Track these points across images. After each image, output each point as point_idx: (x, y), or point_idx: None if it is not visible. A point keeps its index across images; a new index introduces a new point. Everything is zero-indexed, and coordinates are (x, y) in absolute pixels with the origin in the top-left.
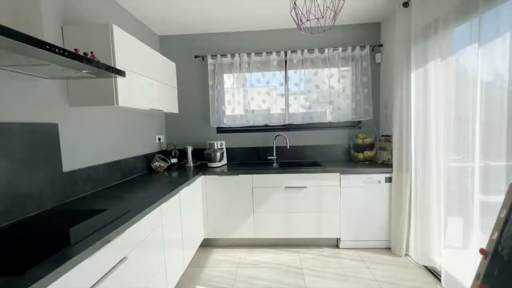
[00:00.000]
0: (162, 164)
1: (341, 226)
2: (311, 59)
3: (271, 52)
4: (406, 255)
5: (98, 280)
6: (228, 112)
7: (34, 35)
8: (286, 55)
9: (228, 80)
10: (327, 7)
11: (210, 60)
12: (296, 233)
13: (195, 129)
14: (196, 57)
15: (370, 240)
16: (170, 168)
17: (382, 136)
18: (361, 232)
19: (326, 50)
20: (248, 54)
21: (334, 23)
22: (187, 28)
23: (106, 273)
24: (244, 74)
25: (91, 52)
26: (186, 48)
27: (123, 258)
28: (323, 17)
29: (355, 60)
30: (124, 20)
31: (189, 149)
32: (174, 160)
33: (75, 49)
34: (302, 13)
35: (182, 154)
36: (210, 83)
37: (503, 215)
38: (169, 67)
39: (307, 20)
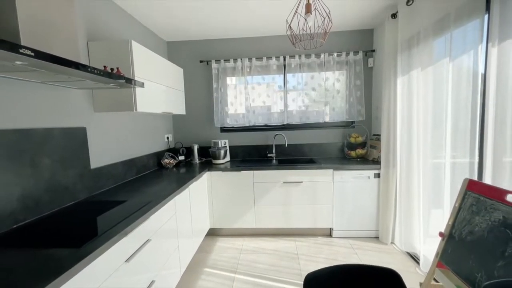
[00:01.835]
0: (171, 161)
1: (334, 217)
2: (308, 63)
3: (271, 57)
4: (392, 243)
5: (131, 255)
6: (231, 112)
7: (72, 57)
8: (285, 60)
9: (231, 83)
10: (318, 26)
11: (214, 65)
12: (293, 224)
13: (201, 128)
14: (201, 61)
15: (360, 230)
16: (178, 164)
17: (373, 135)
18: (352, 223)
19: (322, 55)
20: (250, 59)
21: (324, 41)
22: (192, 34)
23: (137, 250)
24: (246, 77)
25: (117, 68)
26: (191, 53)
27: (147, 240)
28: (313, 38)
29: (349, 65)
30: (134, 28)
31: (195, 147)
32: (181, 157)
33: (104, 66)
34: (295, 34)
35: (188, 151)
36: (214, 86)
37: (457, 204)
38: (177, 72)
39: (301, 41)
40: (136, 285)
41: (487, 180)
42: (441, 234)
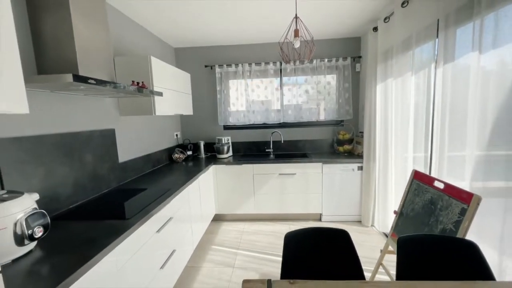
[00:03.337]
0: (181, 156)
1: (323, 204)
2: (302, 68)
3: (269, 62)
4: (372, 225)
5: (160, 228)
6: (233, 112)
7: (110, 75)
8: (281, 65)
9: (233, 85)
10: (305, 46)
11: (217, 69)
12: (288, 210)
13: (206, 126)
14: (205, 66)
15: (345, 215)
16: (187, 159)
17: (360, 132)
18: (338, 209)
19: (315, 61)
20: (250, 64)
21: (308, 60)
22: (197, 41)
23: (163, 224)
24: (246, 80)
25: (142, 82)
26: (197, 59)
27: (170, 218)
28: (299, 59)
29: (339, 69)
30: (146, 37)
31: (202, 143)
32: (189, 153)
33: (132, 81)
34: (286, 54)
35: (195, 147)
36: (217, 88)
37: (407, 189)
38: (185, 78)
39: (289, 60)
40: (164, 251)
41: (434, 169)
42: (395, 212)
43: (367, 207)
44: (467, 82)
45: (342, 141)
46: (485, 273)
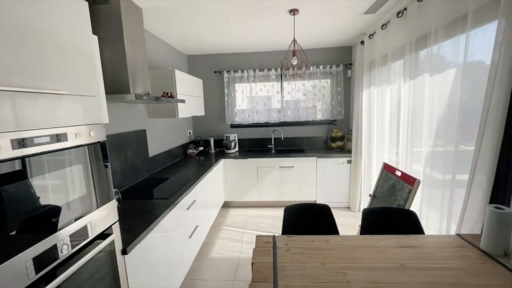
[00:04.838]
0: (194, 151)
1: (317, 192)
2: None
3: (271, 69)
4: (359, 210)
5: (188, 207)
6: (238, 112)
7: (147, 89)
8: (281, 71)
9: (239, 89)
10: (302, 61)
11: (225, 74)
12: (287, 197)
13: (215, 125)
14: (215, 72)
15: (336, 202)
16: (199, 154)
17: (350, 130)
18: (330, 196)
19: (311, 67)
20: (254, 70)
21: (305, 72)
22: (208, 49)
23: (190, 204)
24: (251, 84)
25: (170, 93)
26: (207, 65)
27: (194, 200)
28: (297, 72)
29: (332, 75)
30: (162, 47)
31: (212, 140)
32: (201, 148)
33: (163, 92)
34: (285, 69)
35: (206, 143)
36: (225, 91)
37: (378, 177)
38: (199, 83)
39: (289, 75)
40: (191, 224)
41: (402, 162)
42: (370, 195)
43: (354, 195)
44: (423, 97)
45: (335, 138)
46: (418, 230)
